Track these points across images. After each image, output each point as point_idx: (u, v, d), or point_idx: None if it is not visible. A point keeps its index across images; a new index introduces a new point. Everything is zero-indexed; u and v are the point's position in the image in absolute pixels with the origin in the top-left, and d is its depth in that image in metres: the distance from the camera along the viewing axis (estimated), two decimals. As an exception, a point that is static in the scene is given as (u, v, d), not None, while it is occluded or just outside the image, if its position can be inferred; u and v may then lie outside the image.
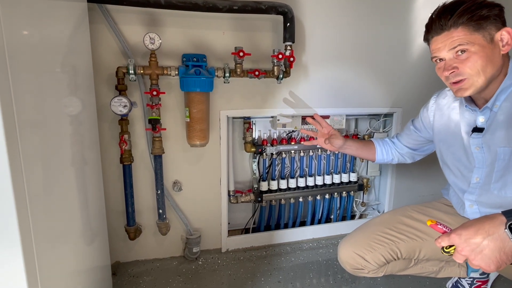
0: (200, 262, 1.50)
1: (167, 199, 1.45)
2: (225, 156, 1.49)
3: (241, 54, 1.29)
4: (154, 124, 1.27)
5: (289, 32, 1.34)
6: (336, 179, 1.72)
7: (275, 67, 1.36)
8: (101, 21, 1.22)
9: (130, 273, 1.41)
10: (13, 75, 0.56)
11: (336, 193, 1.76)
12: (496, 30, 0.85)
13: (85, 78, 1.05)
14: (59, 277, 0.77)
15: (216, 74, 1.31)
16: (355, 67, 1.57)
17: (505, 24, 0.86)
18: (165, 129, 1.34)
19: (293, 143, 1.62)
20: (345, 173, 1.74)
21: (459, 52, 0.86)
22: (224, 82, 1.35)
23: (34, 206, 0.62)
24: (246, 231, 1.71)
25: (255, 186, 1.64)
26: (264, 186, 1.62)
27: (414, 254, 1.09)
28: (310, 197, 1.71)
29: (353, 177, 1.75)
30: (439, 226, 0.75)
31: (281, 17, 1.35)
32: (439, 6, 0.90)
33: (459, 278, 1.29)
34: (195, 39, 1.34)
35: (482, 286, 1.28)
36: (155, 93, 1.24)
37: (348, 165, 1.75)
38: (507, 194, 0.91)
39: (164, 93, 1.28)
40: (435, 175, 1.81)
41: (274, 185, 1.63)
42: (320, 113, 1.58)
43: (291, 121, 1.56)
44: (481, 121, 0.94)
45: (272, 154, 1.63)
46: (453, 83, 0.90)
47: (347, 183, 1.75)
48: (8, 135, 0.54)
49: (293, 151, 1.63)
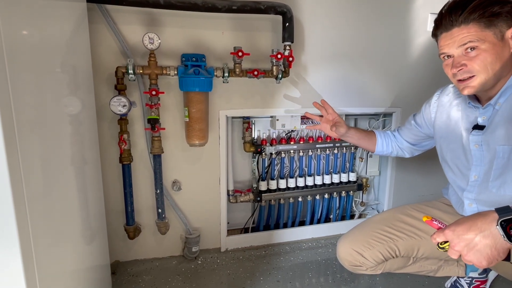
0: (200, 262, 1.50)
1: (167, 199, 1.45)
2: (224, 156, 1.50)
3: (240, 54, 1.29)
4: (153, 124, 1.27)
5: (288, 32, 1.34)
6: (336, 179, 1.72)
7: (274, 67, 1.36)
8: (101, 21, 1.23)
9: (130, 272, 1.41)
10: (12, 75, 0.56)
11: (336, 193, 1.77)
12: (507, 28, 0.82)
13: (85, 78, 1.06)
14: (59, 277, 0.77)
15: (215, 74, 1.31)
16: (355, 67, 1.57)
17: None
18: (164, 129, 1.35)
19: (292, 143, 1.62)
20: (345, 173, 1.74)
21: (469, 49, 0.84)
22: (223, 82, 1.35)
23: (33, 206, 0.62)
24: (245, 231, 1.71)
25: (254, 186, 1.64)
26: (263, 186, 1.62)
27: (413, 252, 1.10)
28: (310, 197, 1.71)
29: (353, 177, 1.75)
30: (435, 222, 0.75)
31: (280, 17, 1.35)
32: (450, 1, 0.87)
33: (458, 278, 1.29)
34: (194, 39, 1.34)
35: (481, 286, 1.28)
36: (154, 93, 1.25)
37: (348, 165, 1.76)
38: (506, 193, 0.91)
39: (163, 93, 1.29)
40: (435, 175, 1.81)
41: (273, 185, 1.64)
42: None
43: (291, 121, 1.56)
44: (483, 119, 0.94)
45: (271, 154, 1.64)
46: (460, 81, 0.89)
47: (347, 183, 1.75)
48: (7, 135, 0.54)
49: (292, 151, 1.63)
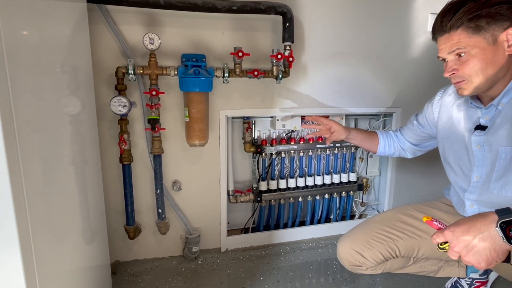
0: (200, 262, 1.50)
1: (167, 199, 1.45)
2: (225, 156, 1.50)
3: (240, 54, 1.29)
4: (154, 124, 1.27)
5: (288, 32, 1.34)
6: (336, 179, 1.72)
7: (274, 67, 1.36)
8: (101, 21, 1.23)
9: (130, 272, 1.41)
10: (12, 75, 0.56)
11: (336, 193, 1.77)
12: (501, 31, 0.81)
13: (85, 78, 1.06)
14: (59, 276, 0.77)
15: (215, 74, 1.31)
16: (355, 67, 1.57)
17: None
18: (165, 129, 1.35)
19: (293, 143, 1.62)
20: (345, 173, 1.74)
21: (459, 55, 0.86)
22: (224, 82, 1.35)
23: (33, 206, 0.62)
24: (246, 231, 1.71)
25: (255, 186, 1.64)
26: (264, 186, 1.62)
27: (413, 253, 1.10)
28: (310, 197, 1.71)
29: (353, 177, 1.75)
30: (435, 223, 0.75)
31: (280, 17, 1.35)
32: (445, 5, 0.88)
33: (459, 278, 1.29)
34: (195, 39, 1.34)
35: (482, 287, 1.28)
36: (155, 93, 1.25)
37: (348, 165, 1.75)
38: (508, 194, 0.90)
39: (164, 93, 1.29)
40: (435, 175, 1.81)
41: (274, 185, 1.64)
42: (320, 113, 1.59)
43: (291, 121, 1.56)
44: (485, 119, 0.93)
45: (272, 154, 1.64)
46: (455, 83, 0.91)
47: (347, 183, 1.75)
48: (7, 135, 0.54)
49: (293, 151, 1.63)
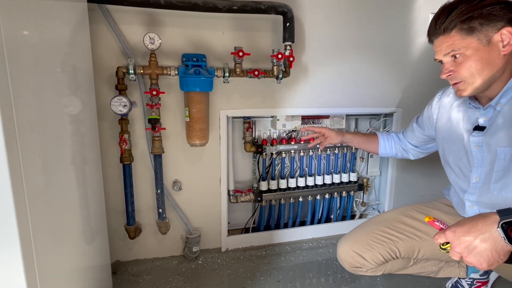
0: (200, 262, 1.50)
1: (167, 199, 1.45)
2: (225, 156, 1.50)
3: (241, 54, 1.29)
4: (154, 124, 1.27)
5: (289, 32, 1.34)
6: (336, 179, 1.72)
7: (275, 67, 1.36)
8: (101, 21, 1.23)
9: (130, 272, 1.41)
10: (13, 75, 0.56)
11: (336, 193, 1.76)
12: (497, 30, 0.81)
13: (85, 78, 1.06)
14: (59, 276, 0.77)
15: (216, 74, 1.31)
16: (355, 67, 1.57)
17: None
18: (165, 129, 1.35)
19: (293, 143, 1.62)
20: (345, 173, 1.73)
21: (455, 56, 0.86)
22: (224, 82, 1.35)
23: (34, 205, 0.62)
24: (246, 231, 1.71)
25: (255, 186, 1.64)
26: (264, 186, 1.62)
27: (413, 254, 1.09)
28: (310, 197, 1.71)
29: (353, 177, 1.75)
30: (437, 223, 0.75)
31: (281, 17, 1.35)
32: (439, 8, 0.88)
33: (459, 279, 1.29)
34: (195, 39, 1.34)
35: (482, 287, 1.28)
36: (155, 93, 1.25)
37: (348, 165, 1.75)
38: (508, 195, 0.90)
39: (164, 93, 1.29)
40: (436, 175, 1.81)
41: (274, 185, 1.63)
42: (320, 113, 1.60)
43: (291, 121, 1.56)
44: (484, 120, 0.93)
45: (272, 154, 1.64)
46: (453, 84, 0.91)
47: (347, 183, 1.75)
48: (7, 134, 0.54)
49: (293, 151, 1.63)
